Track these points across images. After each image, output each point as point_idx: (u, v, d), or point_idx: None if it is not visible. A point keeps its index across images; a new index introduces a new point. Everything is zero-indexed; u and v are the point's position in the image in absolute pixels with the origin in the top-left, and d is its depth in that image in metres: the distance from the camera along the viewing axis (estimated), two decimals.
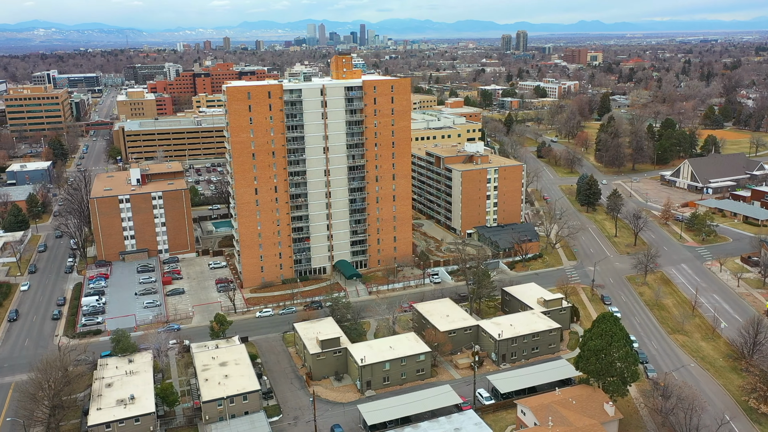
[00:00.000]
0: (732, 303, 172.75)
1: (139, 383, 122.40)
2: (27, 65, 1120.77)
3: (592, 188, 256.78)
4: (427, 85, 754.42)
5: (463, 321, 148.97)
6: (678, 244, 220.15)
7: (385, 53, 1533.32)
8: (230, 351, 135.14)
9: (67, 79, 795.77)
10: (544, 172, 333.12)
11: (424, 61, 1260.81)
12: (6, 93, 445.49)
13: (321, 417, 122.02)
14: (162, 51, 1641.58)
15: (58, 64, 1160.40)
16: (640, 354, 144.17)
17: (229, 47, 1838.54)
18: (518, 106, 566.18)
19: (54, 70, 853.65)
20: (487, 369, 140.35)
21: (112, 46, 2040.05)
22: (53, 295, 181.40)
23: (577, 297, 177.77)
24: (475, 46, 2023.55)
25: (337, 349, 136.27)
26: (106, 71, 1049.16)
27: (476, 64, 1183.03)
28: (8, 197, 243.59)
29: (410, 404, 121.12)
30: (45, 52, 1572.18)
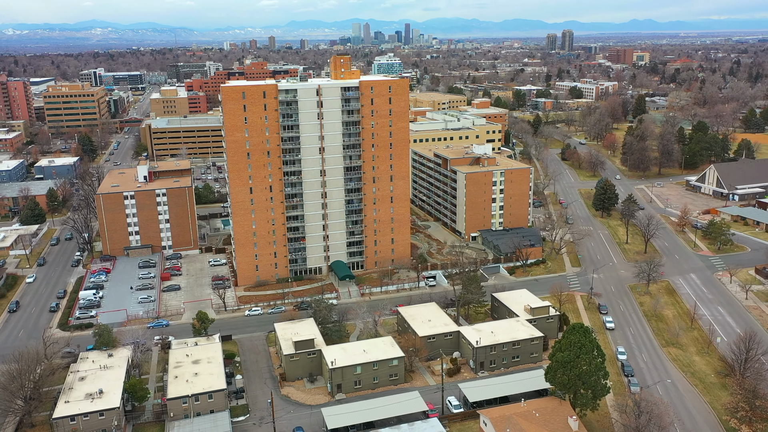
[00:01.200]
0: (736, 316, 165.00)
1: (110, 378, 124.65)
2: (79, 64, 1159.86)
3: (607, 193, 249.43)
4: (462, 84, 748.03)
5: (444, 326, 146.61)
6: (691, 253, 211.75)
7: (427, 52, 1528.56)
8: (205, 349, 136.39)
9: (112, 77, 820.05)
10: (565, 175, 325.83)
11: (465, 61, 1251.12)
12: (46, 91, 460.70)
13: (285, 418, 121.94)
14: (209, 50, 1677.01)
15: (108, 63, 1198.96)
16: (626, 367, 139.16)
17: (274, 46, 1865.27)
18: (552, 107, 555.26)
19: (101, 68, 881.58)
20: (464, 376, 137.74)
21: (163, 45, 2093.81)
22: (56, 287, 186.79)
23: (572, 305, 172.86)
24: (520, 45, 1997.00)
25: (311, 350, 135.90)
26: (152, 69, 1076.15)
27: (517, 64, 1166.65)
28: (28, 191, 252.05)
29: (375, 409, 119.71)
30: (100, 50, 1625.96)
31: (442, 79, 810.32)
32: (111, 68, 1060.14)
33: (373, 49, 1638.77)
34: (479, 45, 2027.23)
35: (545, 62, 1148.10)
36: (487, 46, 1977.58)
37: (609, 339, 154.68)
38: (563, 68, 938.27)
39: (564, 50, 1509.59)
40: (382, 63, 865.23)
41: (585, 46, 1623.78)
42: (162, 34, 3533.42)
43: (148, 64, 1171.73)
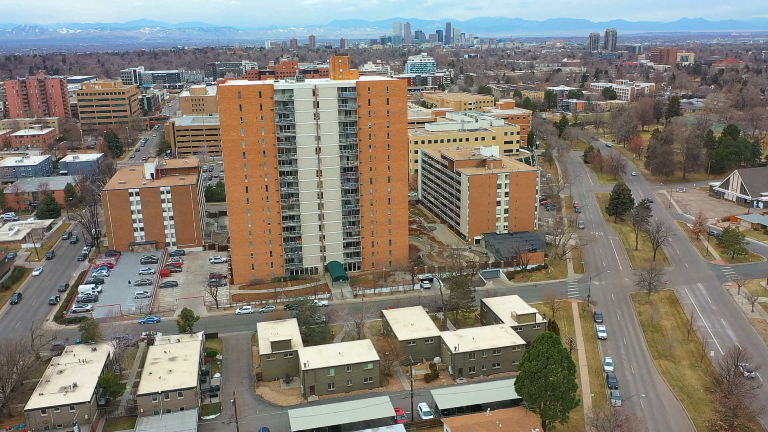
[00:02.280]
0: (738, 329, 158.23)
1: (87, 372, 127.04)
2: (123, 62, 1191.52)
3: (621, 197, 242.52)
4: (495, 85, 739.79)
5: (426, 331, 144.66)
6: (702, 261, 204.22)
7: (465, 52, 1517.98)
8: (185, 346, 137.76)
9: (151, 75, 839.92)
10: (585, 178, 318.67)
11: (502, 61, 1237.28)
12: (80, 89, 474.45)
13: (253, 418, 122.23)
14: (249, 49, 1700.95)
15: (151, 61, 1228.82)
16: (611, 379, 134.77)
17: (314, 45, 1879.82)
18: (583, 108, 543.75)
19: (141, 67, 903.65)
20: (441, 382, 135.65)
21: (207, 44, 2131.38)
22: (60, 281, 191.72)
23: (567, 313, 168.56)
24: (562, 45, 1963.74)
25: (288, 351, 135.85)
26: (192, 68, 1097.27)
27: (556, 64, 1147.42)
28: (47, 186, 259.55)
29: (342, 413, 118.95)
30: (146, 49, 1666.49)
31: (475, 79, 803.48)
32: (153, 66, 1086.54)
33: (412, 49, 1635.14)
34: (520, 45, 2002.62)
35: (584, 62, 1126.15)
36: (528, 45, 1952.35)
37: (599, 349, 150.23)
38: (601, 68, 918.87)
39: (607, 50, 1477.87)
40: (415, 62, 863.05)
41: (629, 46, 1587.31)
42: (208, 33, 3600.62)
43: (188, 63, 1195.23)
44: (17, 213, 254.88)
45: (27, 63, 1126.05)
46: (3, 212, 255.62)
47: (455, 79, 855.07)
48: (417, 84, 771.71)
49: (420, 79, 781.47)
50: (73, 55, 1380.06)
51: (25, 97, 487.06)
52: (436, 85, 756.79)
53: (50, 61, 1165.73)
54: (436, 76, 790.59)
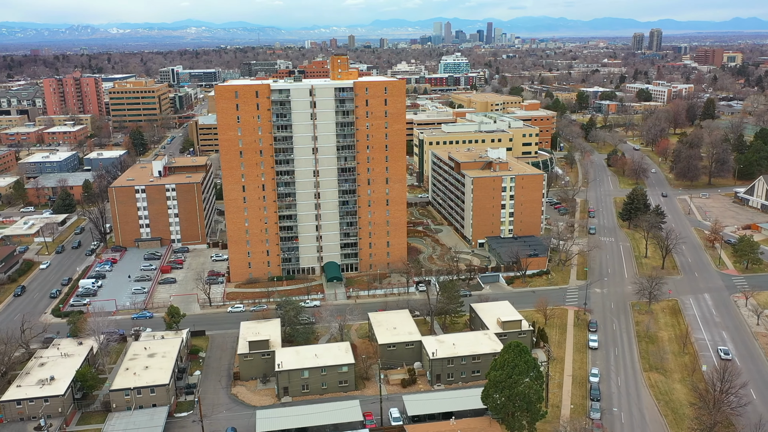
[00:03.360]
0: (738, 343, 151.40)
1: (67, 366, 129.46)
2: (165, 61, 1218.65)
3: (635, 202, 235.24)
4: (528, 86, 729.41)
5: (408, 335, 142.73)
6: (714, 271, 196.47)
7: (504, 52, 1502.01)
8: (165, 343, 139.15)
9: (188, 74, 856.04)
10: (606, 181, 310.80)
11: (541, 61, 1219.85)
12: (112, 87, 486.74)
13: (223, 418, 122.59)
14: (289, 48, 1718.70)
15: (192, 60, 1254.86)
16: (593, 391, 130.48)
17: (354, 45, 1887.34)
18: (616, 110, 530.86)
19: (179, 66, 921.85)
20: (419, 388, 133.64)
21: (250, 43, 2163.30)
22: (66, 275, 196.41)
23: (561, 320, 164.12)
24: (605, 45, 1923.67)
25: (265, 351, 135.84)
26: (230, 67, 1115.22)
27: (596, 64, 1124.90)
28: (65, 182, 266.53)
29: (309, 415, 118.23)
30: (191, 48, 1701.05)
31: (510, 80, 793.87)
32: (193, 66, 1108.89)
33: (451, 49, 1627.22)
34: (563, 45, 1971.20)
35: (625, 63, 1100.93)
36: (571, 45, 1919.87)
37: (588, 359, 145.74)
38: (641, 69, 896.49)
39: (651, 50, 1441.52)
40: (448, 62, 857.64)
41: (675, 47, 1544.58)
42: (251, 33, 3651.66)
43: (227, 62, 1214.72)
44: (37, 207, 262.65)
45: (74, 62, 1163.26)
46: (24, 206, 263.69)
47: (489, 80, 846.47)
48: (449, 84, 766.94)
49: (452, 79, 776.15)
50: (118, 54, 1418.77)
51: (62, 95, 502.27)
52: (468, 86, 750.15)
53: (95, 60, 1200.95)
54: (469, 76, 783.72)
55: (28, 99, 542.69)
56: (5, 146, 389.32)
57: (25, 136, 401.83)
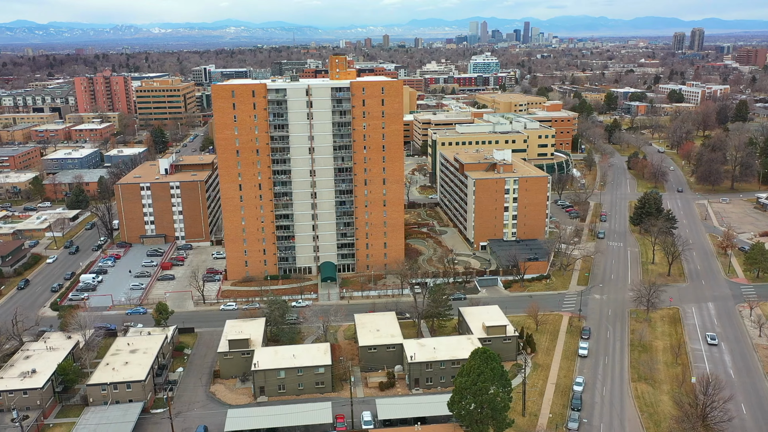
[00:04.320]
0: (736, 354, 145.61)
1: (50, 359, 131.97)
2: (201, 60, 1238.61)
3: (646, 206, 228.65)
4: (558, 86, 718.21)
5: (390, 338, 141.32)
6: (723, 279, 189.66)
7: (539, 51, 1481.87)
8: (149, 339, 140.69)
9: (220, 73, 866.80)
10: (624, 184, 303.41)
11: (575, 61, 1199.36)
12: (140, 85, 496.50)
13: (195, 415, 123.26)
14: (323, 48, 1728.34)
15: (226, 59, 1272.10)
16: (574, 400, 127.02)
17: (388, 44, 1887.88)
18: (645, 111, 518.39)
19: (212, 65, 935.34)
20: (397, 391, 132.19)
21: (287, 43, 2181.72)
22: (70, 269, 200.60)
23: (554, 327, 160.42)
24: (646, 45, 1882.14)
25: (245, 350, 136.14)
26: (264, 66, 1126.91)
27: (633, 64, 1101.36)
28: (81, 179, 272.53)
29: (280, 416, 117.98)
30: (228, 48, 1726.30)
31: (541, 80, 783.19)
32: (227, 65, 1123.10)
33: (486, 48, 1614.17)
34: (601, 44, 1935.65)
35: (663, 63, 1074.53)
36: (610, 45, 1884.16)
37: (576, 367, 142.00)
38: (678, 70, 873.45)
39: (692, 50, 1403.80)
40: (478, 62, 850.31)
41: (718, 46, 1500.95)
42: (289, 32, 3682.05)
43: (261, 61, 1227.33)
44: (54, 203, 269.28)
45: (113, 61, 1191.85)
46: (41, 202, 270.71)
47: (520, 80, 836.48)
48: (478, 84, 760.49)
49: (481, 79, 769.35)
50: (156, 54, 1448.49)
51: (92, 93, 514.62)
52: (497, 86, 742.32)
53: (133, 59, 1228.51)
54: (499, 76, 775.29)
55: (62, 97, 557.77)
56: (34, 142, 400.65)
57: (53, 133, 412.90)
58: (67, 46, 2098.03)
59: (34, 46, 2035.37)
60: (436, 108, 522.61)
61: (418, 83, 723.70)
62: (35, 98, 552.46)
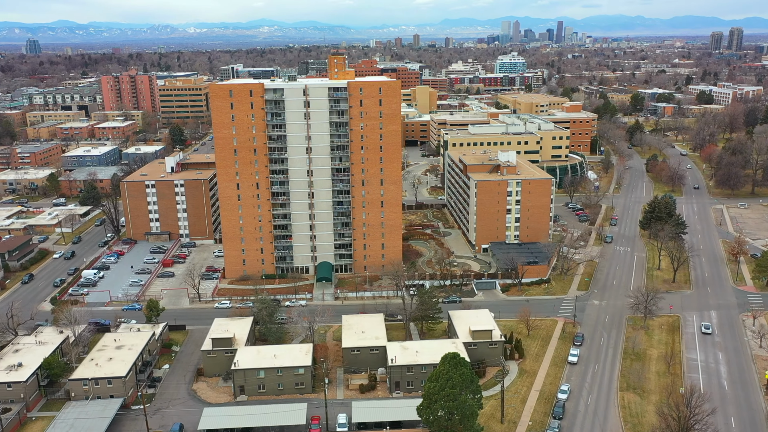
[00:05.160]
0: (732, 366, 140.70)
1: (38, 353, 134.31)
2: (232, 60, 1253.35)
3: (656, 211, 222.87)
4: (585, 87, 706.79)
5: (374, 340, 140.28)
6: (730, 287, 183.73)
7: (570, 51, 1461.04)
8: (135, 336, 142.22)
9: (247, 72, 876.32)
10: (640, 187, 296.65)
11: (607, 61, 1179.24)
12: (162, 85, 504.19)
13: (173, 413, 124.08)
14: (353, 47, 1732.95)
15: (256, 59, 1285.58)
16: (556, 408, 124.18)
17: (418, 44, 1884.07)
18: (672, 112, 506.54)
19: (240, 64, 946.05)
20: (377, 394, 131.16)
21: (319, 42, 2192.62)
22: (75, 264, 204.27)
23: (547, 332, 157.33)
24: (682, 45, 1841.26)
25: (228, 349, 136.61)
26: (292, 65, 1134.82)
27: (665, 64, 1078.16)
28: (95, 175, 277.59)
29: (254, 416, 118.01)
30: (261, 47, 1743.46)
31: (568, 80, 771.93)
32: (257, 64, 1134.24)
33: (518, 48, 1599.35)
34: (637, 44, 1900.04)
35: (698, 63, 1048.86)
36: (645, 45, 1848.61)
37: (564, 374, 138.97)
38: (712, 70, 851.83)
39: (730, 50, 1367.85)
40: (504, 62, 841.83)
41: (758, 46, 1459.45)
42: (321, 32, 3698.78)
43: (290, 61, 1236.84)
44: (68, 199, 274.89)
45: (146, 60, 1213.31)
46: (57, 198, 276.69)
47: (548, 80, 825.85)
48: (504, 84, 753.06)
49: (507, 79, 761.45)
50: (188, 53, 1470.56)
51: (118, 91, 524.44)
52: (523, 86, 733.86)
53: (165, 59, 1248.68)
54: (525, 77, 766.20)
55: (90, 95, 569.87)
56: (59, 140, 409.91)
57: (77, 131, 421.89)
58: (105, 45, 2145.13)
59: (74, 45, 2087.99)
60: (458, 108, 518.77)
61: (442, 83, 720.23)
62: (64, 96, 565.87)
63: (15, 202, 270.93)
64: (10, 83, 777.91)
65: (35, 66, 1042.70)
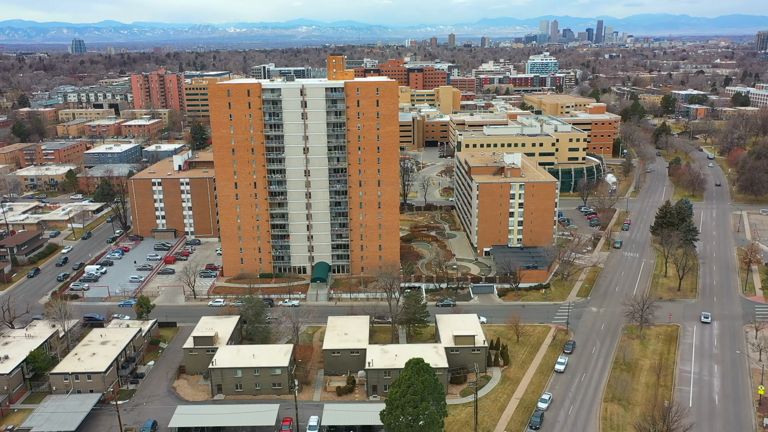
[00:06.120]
0: (727, 379, 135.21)
1: (26, 347, 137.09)
2: (266, 59, 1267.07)
3: (667, 216, 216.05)
4: (616, 88, 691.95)
5: (356, 342, 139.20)
6: (738, 296, 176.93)
7: (608, 51, 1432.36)
8: (122, 332, 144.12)
9: (279, 71, 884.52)
10: (659, 192, 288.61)
11: (644, 61, 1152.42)
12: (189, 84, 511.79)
13: (148, 410, 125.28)
14: (388, 47, 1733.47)
15: (290, 59, 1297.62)
16: (533, 418, 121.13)
17: (453, 44, 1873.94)
18: (705, 114, 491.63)
19: (271, 64, 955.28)
20: (354, 397, 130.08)
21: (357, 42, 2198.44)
22: (82, 260, 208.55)
23: (538, 339, 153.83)
24: (727, 44, 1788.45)
25: (210, 347, 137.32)
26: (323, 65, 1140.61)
27: (706, 65, 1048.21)
28: (111, 172, 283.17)
29: (224, 415, 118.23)
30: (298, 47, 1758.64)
31: (602, 81, 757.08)
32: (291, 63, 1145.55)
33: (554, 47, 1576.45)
34: (680, 44, 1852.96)
35: (740, 64, 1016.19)
36: (687, 44, 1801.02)
37: (548, 382, 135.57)
38: (753, 71, 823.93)
39: None
40: (535, 62, 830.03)
41: None
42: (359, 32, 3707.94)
43: (322, 60, 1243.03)
44: (85, 195, 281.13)
45: (182, 59, 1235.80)
46: (75, 194, 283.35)
47: (581, 81, 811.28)
48: (534, 84, 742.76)
49: (538, 79, 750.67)
50: (225, 52, 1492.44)
51: (147, 90, 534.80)
52: (554, 86, 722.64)
53: (201, 58, 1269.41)
54: (556, 77, 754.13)
55: (121, 94, 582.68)
56: (87, 137, 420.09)
57: (105, 128, 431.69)
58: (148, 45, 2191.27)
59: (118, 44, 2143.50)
60: (484, 108, 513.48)
61: (470, 83, 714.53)
62: (97, 95, 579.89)
63: (35, 197, 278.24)
64: (50, 82, 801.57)
65: (76, 65, 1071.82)
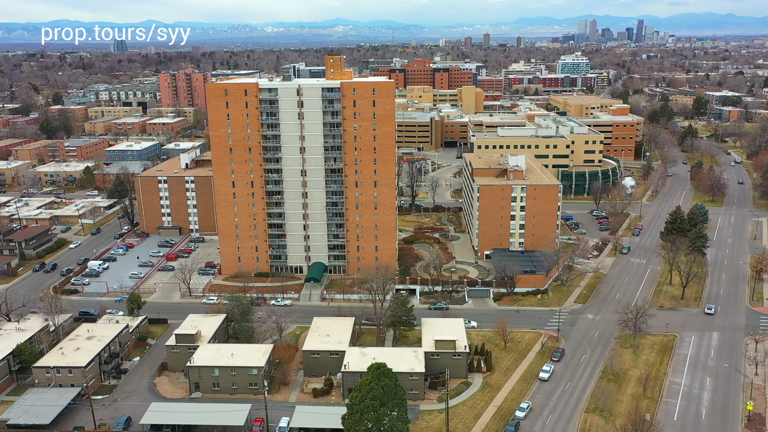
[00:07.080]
0: (718, 393, 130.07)
1: (14, 340, 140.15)
2: (300, 58, 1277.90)
3: (677, 222, 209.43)
4: (649, 89, 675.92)
5: (336, 344, 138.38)
6: (744, 307, 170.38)
7: (647, 51, 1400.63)
8: (108, 328, 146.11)
9: (308, 71, 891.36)
10: (678, 196, 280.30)
11: (683, 61, 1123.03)
12: None
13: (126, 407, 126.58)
14: (422, 47, 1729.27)
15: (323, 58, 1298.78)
16: (508, 427, 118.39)
17: (488, 43, 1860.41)
18: (738, 117, 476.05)
19: (302, 63, 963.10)
20: (330, 399, 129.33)
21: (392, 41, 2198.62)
22: (88, 255, 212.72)
23: (526, 345, 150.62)
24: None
25: (191, 345, 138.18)
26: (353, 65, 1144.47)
27: (748, 65, 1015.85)
28: (126, 170, 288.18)
29: (195, 414, 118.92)
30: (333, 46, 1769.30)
31: (636, 81, 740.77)
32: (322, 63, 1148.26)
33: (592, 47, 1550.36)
34: (723, 43, 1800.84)
35: None
36: (731, 44, 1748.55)
37: (530, 391, 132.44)
38: None
39: None
40: (566, 62, 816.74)
41: None
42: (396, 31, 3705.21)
43: (355, 60, 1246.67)
44: (101, 192, 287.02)
45: (217, 58, 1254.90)
46: (91, 190, 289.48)
47: (614, 81, 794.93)
48: (565, 85, 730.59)
49: (569, 80, 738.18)
50: (259, 52, 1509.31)
51: (175, 89, 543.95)
52: (585, 87, 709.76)
53: (235, 57, 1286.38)
54: (587, 77, 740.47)
55: (151, 92, 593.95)
56: (113, 134, 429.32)
57: (130, 126, 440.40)
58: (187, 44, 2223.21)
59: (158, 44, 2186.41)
60: (510, 109, 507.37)
61: (498, 83, 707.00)
62: (127, 93, 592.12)
63: (52, 193, 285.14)
64: (86, 80, 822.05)
65: (113, 64, 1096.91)
